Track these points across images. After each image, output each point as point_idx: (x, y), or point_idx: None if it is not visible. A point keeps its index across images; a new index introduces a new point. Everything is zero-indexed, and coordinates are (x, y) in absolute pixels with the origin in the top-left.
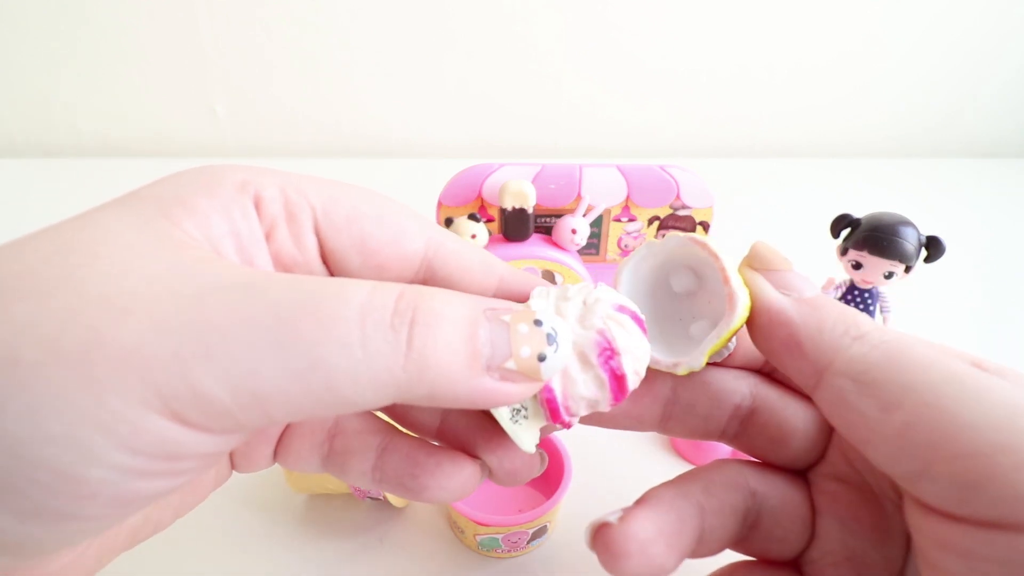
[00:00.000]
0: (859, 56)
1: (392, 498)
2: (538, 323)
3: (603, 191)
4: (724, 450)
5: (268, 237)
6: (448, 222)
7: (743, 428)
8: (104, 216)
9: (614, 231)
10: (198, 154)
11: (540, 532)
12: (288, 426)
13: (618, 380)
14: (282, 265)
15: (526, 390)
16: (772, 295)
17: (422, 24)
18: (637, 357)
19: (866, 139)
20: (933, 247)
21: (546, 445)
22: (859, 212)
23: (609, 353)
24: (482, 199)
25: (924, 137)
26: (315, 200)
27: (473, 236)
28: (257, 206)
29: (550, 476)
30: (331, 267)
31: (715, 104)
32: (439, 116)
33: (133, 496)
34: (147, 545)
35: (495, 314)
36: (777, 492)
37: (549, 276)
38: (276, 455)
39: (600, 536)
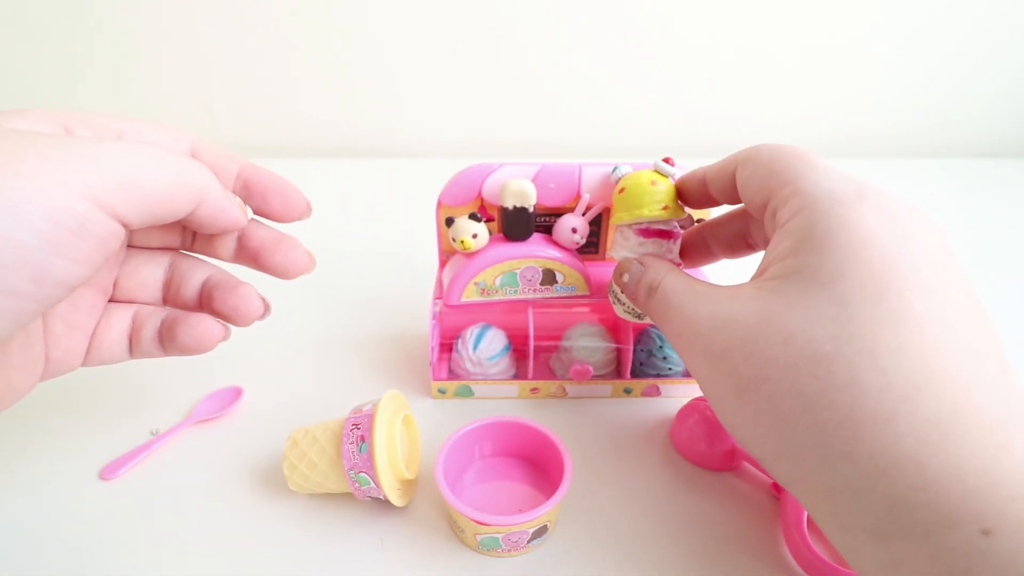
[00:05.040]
0: (859, 56)
1: (393, 497)
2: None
3: (603, 190)
4: (728, 447)
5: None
6: (448, 222)
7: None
8: None
9: (613, 230)
10: None
11: (540, 532)
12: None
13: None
14: None
15: None
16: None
17: (422, 24)
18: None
19: (866, 139)
20: None
21: (546, 443)
22: None
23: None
24: (482, 199)
25: (924, 137)
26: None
27: (474, 235)
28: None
29: (550, 476)
30: None
31: (716, 104)
32: (439, 115)
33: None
34: (146, 544)
35: None
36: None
37: (550, 275)
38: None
39: None
